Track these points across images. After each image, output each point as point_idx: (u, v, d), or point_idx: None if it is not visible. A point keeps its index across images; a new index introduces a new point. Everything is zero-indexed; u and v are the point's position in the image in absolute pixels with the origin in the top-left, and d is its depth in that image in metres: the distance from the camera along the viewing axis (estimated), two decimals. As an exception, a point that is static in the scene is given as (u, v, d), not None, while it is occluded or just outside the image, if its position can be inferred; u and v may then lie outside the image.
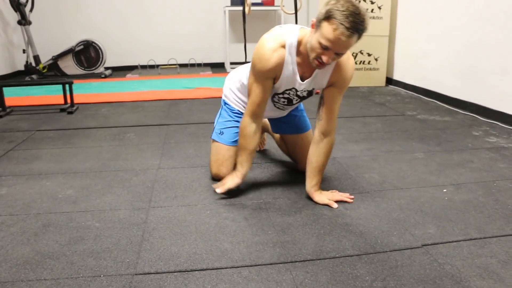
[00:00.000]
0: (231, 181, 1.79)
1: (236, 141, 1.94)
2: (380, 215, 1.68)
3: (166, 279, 1.26)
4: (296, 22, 4.49)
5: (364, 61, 4.68)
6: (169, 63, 6.05)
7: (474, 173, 2.13)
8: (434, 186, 1.98)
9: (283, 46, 1.64)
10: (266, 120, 2.30)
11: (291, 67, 1.68)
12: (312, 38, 1.54)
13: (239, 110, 2.01)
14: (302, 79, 1.72)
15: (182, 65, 6.11)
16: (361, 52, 4.65)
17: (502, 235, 1.54)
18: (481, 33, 3.28)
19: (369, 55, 4.67)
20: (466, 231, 1.56)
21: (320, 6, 1.46)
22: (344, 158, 2.35)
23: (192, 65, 6.13)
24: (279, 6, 5.12)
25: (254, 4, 5.72)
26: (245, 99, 1.98)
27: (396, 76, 4.74)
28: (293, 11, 4.35)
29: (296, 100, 1.87)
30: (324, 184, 1.96)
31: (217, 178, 1.98)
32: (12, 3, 4.94)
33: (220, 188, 1.79)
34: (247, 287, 1.22)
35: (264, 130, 2.39)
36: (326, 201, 1.78)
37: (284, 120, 2.09)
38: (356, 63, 4.65)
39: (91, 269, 1.30)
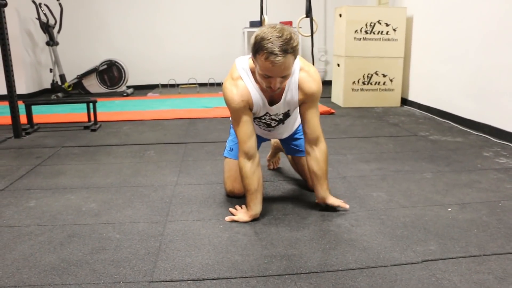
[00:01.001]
0: (241, 216, 1.85)
1: None
2: (384, 232, 1.75)
3: (179, 287, 1.36)
4: (312, 44, 4.64)
5: (379, 82, 4.77)
6: (189, 82, 6.25)
7: (480, 193, 2.19)
8: (439, 205, 2.04)
9: (240, 78, 1.78)
10: (279, 142, 2.41)
11: (257, 94, 1.80)
12: (256, 72, 1.68)
13: None
14: (272, 103, 1.84)
15: (202, 85, 6.29)
16: (376, 73, 4.74)
17: (501, 253, 1.60)
18: (494, 55, 3.35)
19: (384, 76, 4.76)
20: (467, 248, 1.63)
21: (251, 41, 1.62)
22: (354, 177, 2.43)
23: (212, 84, 6.31)
24: (296, 27, 5.27)
25: (271, 26, 5.88)
26: None
27: (411, 97, 4.81)
28: (309, 34, 4.49)
29: (274, 123, 1.98)
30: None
31: (232, 195, 2.09)
32: (41, 25, 5.22)
33: (229, 218, 1.86)
34: (254, 296, 1.32)
35: (279, 149, 2.50)
36: (339, 202, 1.93)
37: (292, 142, 2.20)
38: (371, 83, 4.75)
39: (112, 276, 1.41)
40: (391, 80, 4.78)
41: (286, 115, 1.95)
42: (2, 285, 1.36)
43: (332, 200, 1.93)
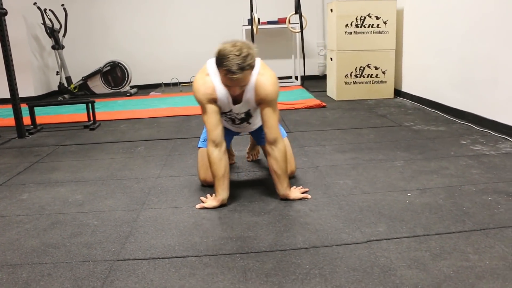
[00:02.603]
0: (210, 202, 2.02)
1: None
2: (339, 216, 1.90)
3: (140, 264, 1.54)
4: (302, 39, 4.76)
5: (371, 75, 4.87)
6: (191, 80, 6.43)
7: (444, 179, 2.31)
8: (400, 190, 2.17)
9: (208, 75, 1.97)
10: None
11: (223, 91, 1.96)
12: (220, 78, 1.91)
13: None
14: (235, 102, 2.02)
15: (204, 82, 6.46)
16: (368, 66, 4.84)
17: (445, 232, 1.72)
18: (476, 47, 3.43)
19: (376, 68, 4.86)
20: (413, 229, 1.76)
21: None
22: (326, 166, 2.57)
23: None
24: (292, 24, 5.40)
25: (270, 23, 6.02)
26: None
27: (404, 88, 4.90)
28: (299, 30, 4.61)
29: (238, 121, 2.17)
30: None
31: (205, 183, 2.26)
32: (47, 29, 5.46)
33: (199, 205, 2.03)
34: (204, 271, 1.49)
35: (255, 144, 2.66)
36: (300, 195, 2.08)
37: (261, 134, 2.34)
38: (363, 76, 4.85)
39: (83, 256, 1.60)
40: (383, 72, 4.87)
41: (248, 114, 2.14)
42: (-13, 265, 1.56)
43: (294, 195, 2.08)
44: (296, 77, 6.32)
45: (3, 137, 3.64)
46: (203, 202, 2.05)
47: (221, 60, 1.79)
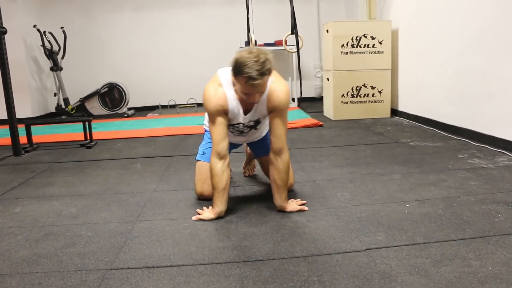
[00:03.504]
0: (207, 214, 1.98)
1: None
2: (337, 226, 1.87)
3: (134, 273, 1.50)
4: (299, 59, 4.81)
5: (368, 94, 4.90)
6: (189, 102, 6.46)
7: (442, 190, 2.29)
8: (399, 202, 2.15)
9: (221, 85, 1.96)
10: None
11: (235, 102, 1.96)
12: (237, 87, 1.87)
13: None
14: (246, 113, 2.01)
15: (201, 104, 6.49)
16: (364, 86, 4.88)
17: (445, 240, 1.70)
18: (470, 63, 3.47)
19: (372, 88, 4.90)
20: (413, 238, 1.73)
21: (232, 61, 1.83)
22: (323, 180, 2.55)
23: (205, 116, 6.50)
24: (289, 45, 5.46)
25: (266, 45, 6.09)
26: None
27: (401, 107, 4.93)
28: (296, 50, 4.67)
29: (247, 129, 2.15)
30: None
31: (201, 197, 2.23)
32: (46, 51, 5.51)
33: (195, 217, 2.00)
34: (200, 279, 1.45)
35: (253, 156, 2.64)
36: (297, 208, 2.05)
37: (260, 144, 2.34)
38: (360, 96, 4.88)
39: (76, 265, 1.56)
40: (379, 92, 4.91)
41: (257, 122, 2.11)
42: (-24, 275, 1.51)
43: (291, 207, 2.05)
44: (293, 99, 6.35)
45: (-1, 155, 3.62)
46: (200, 214, 2.01)
47: (239, 68, 1.76)
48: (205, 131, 2.37)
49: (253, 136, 2.30)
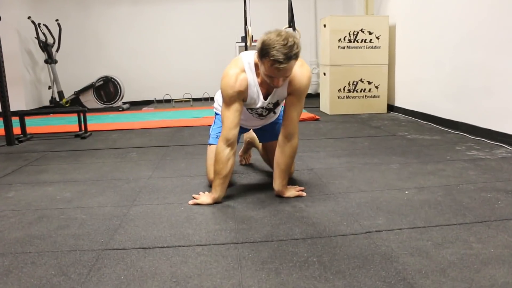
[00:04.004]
0: (204, 199, 1.95)
1: None
2: (336, 210, 1.84)
3: (129, 253, 1.46)
4: (296, 53, 4.78)
5: (364, 89, 4.88)
6: (184, 97, 6.42)
7: (441, 179, 2.27)
8: (398, 189, 2.12)
9: (243, 71, 1.88)
10: (254, 135, 2.50)
11: (255, 89, 1.91)
12: (261, 70, 1.80)
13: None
14: (265, 97, 1.95)
15: (196, 99, 6.46)
16: (361, 81, 4.86)
17: (446, 224, 1.68)
18: (467, 57, 3.47)
19: (369, 83, 4.88)
20: (413, 222, 1.71)
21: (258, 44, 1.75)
22: (320, 169, 2.53)
23: (206, 99, 6.48)
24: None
25: (263, 40, 6.06)
26: None
27: (397, 103, 4.91)
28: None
29: (266, 112, 2.09)
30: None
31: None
32: (40, 44, 5.45)
33: (192, 201, 1.96)
34: (197, 259, 1.41)
35: (251, 145, 2.61)
36: (296, 193, 2.02)
37: (267, 128, 2.30)
38: (356, 91, 4.87)
39: (70, 246, 1.52)
40: (376, 87, 4.89)
41: (276, 104, 2.06)
42: (-33, 254, 1.48)
43: (289, 193, 2.02)
44: (289, 95, 6.32)
45: (-9, 145, 3.56)
46: (196, 199, 1.98)
47: (266, 50, 1.68)
48: (216, 114, 2.31)
49: (270, 119, 2.24)
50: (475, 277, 1.26)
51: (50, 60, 5.55)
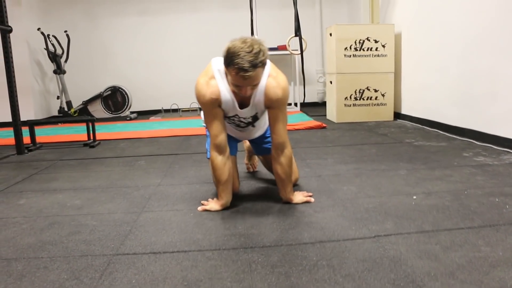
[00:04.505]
0: (212, 205, 1.97)
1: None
2: (344, 216, 1.85)
3: (140, 258, 1.48)
4: (302, 61, 4.82)
5: (371, 97, 4.90)
6: (191, 106, 6.46)
7: (449, 184, 2.27)
8: (405, 194, 2.13)
9: (213, 77, 1.86)
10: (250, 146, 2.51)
11: (228, 95, 1.86)
12: (228, 78, 1.78)
13: None
14: (241, 106, 1.91)
15: (203, 108, 6.49)
16: (367, 89, 4.88)
17: (454, 228, 1.68)
18: (473, 63, 3.48)
19: (375, 91, 4.89)
20: (421, 226, 1.71)
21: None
22: (329, 175, 2.54)
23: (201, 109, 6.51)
24: (293, 49, 5.48)
25: (269, 49, 6.10)
26: None
27: (404, 110, 4.92)
28: (299, 51, 4.68)
29: (244, 125, 2.05)
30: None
31: None
32: (49, 54, 5.54)
33: (201, 208, 1.98)
34: (207, 263, 1.43)
35: (252, 152, 2.62)
36: (304, 199, 2.03)
37: (257, 141, 2.29)
38: (363, 99, 4.88)
39: (81, 251, 1.54)
40: (383, 95, 4.91)
41: (255, 118, 2.03)
42: (-19, 259, 1.51)
43: (297, 199, 2.03)
44: (295, 104, 6.36)
45: (2, 153, 3.61)
46: (205, 205, 1.99)
47: (231, 58, 1.66)
48: (206, 128, 2.32)
49: (252, 133, 2.22)
50: (484, 279, 1.26)
51: (59, 70, 5.63)
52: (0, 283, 1.33)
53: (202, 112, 2.16)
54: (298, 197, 2.04)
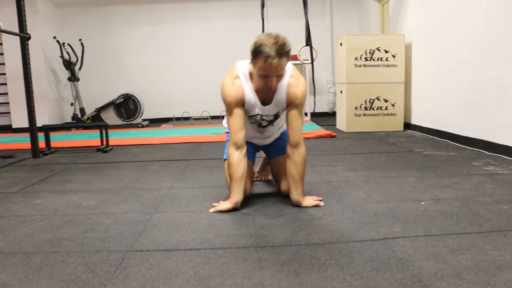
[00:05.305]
0: (224, 205, 2.02)
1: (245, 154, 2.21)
2: (353, 219, 1.88)
3: (153, 254, 1.53)
4: (313, 71, 4.87)
5: (381, 107, 4.93)
6: (202, 115, 6.54)
7: (457, 192, 2.29)
8: (414, 200, 2.15)
9: (237, 77, 2.02)
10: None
11: (251, 94, 2.02)
12: (254, 72, 1.93)
13: None
14: (264, 104, 2.05)
15: (214, 117, 6.57)
16: (378, 99, 4.91)
17: (462, 233, 1.70)
18: (483, 73, 3.50)
19: (385, 101, 4.93)
20: (429, 230, 1.74)
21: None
22: (338, 182, 2.57)
23: (224, 117, 6.58)
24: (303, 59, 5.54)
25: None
26: None
27: (414, 121, 4.94)
28: (310, 61, 4.74)
29: (265, 123, 2.17)
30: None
31: None
32: (64, 62, 5.66)
33: (213, 209, 2.03)
34: (219, 261, 1.47)
35: (266, 162, 2.65)
36: (313, 203, 2.06)
37: (274, 145, 2.36)
38: (373, 108, 4.91)
39: (96, 247, 1.59)
40: (393, 105, 4.93)
41: (276, 116, 2.15)
42: (3, 252, 1.58)
43: (307, 203, 2.07)
44: (305, 113, 6.40)
45: (18, 157, 3.70)
46: (216, 206, 2.04)
47: (258, 48, 1.81)
48: (227, 133, 2.39)
49: (269, 133, 2.30)
50: (491, 280, 1.29)
51: (73, 78, 5.75)
52: (21, 274, 1.38)
53: (224, 119, 2.24)
54: (308, 200, 2.08)
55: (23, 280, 1.34)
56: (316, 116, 6.29)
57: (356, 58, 4.83)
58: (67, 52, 5.80)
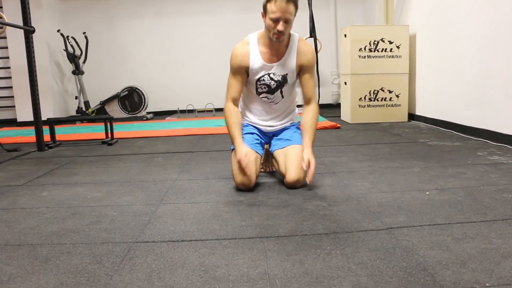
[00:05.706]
0: (235, 160, 2.16)
1: (254, 145, 2.29)
2: (358, 209, 1.88)
3: (159, 245, 1.54)
4: (317, 62, 4.84)
5: (385, 98, 4.91)
6: (207, 107, 6.54)
7: (462, 181, 2.29)
8: (419, 190, 2.15)
9: (247, 43, 2.25)
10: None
11: (256, 56, 2.22)
12: (265, 22, 2.12)
13: (247, 123, 2.41)
14: (271, 61, 2.22)
15: (219, 109, 6.57)
16: (382, 90, 4.89)
17: (466, 221, 1.70)
18: (487, 64, 3.48)
19: (390, 92, 4.91)
20: (434, 219, 1.74)
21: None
22: (343, 172, 2.57)
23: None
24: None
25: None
26: (248, 115, 2.40)
27: (418, 111, 4.92)
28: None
29: (274, 84, 2.26)
30: (319, 189, 2.20)
31: (243, 187, 2.19)
32: (69, 55, 5.67)
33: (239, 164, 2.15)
34: (224, 251, 1.48)
35: (268, 154, 2.65)
36: (313, 161, 2.17)
37: (279, 135, 2.37)
38: (377, 100, 4.90)
39: (102, 239, 1.61)
40: (397, 96, 4.91)
41: (284, 79, 2.27)
42: (9, 244, 1.59)
43: (306, 155, 2.18)
44: (309, 104, 6.38)
45: (23, 150, 3.72)
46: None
47: None
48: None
49: (280, 108, 2.37)
50: (495, 268, 1.29)
51: (77, 71, 5.76)
52: (28, 265, 1.40)
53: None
54: (307, 153, 2.19)
55: (30, 272, 1.35)
56: (321, 108, 6.23)
57: (360, 49, 4.80)
58: (71, 46, 5.81)
